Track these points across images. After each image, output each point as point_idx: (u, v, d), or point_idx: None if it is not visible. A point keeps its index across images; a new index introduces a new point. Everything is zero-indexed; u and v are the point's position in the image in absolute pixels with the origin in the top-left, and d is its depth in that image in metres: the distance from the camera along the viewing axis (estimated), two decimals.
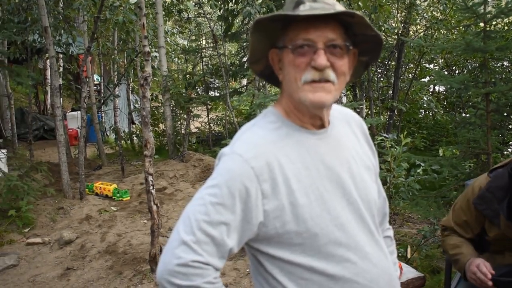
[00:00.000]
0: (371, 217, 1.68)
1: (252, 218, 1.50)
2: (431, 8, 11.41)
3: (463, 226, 2.78)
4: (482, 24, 5.25)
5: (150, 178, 4.97)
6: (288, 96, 1.62)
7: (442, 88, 12.36)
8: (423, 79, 12.48)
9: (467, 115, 6.52)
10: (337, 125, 1.71)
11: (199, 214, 1.47)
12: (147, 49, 5.20)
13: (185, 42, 17.18)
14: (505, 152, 7.47)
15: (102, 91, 14.87)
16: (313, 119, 1.62)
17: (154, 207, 4.99)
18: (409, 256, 4.65)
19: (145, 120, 5.11)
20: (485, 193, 2.66)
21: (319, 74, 1.50)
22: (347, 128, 1.78)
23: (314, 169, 1.58)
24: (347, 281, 1.57)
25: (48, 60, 12.35)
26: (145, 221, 6.94)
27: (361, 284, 1.58)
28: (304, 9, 1.48)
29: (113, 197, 8.18)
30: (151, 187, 4.98)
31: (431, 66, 12.84)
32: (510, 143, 8.93)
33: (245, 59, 13.56)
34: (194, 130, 13.47)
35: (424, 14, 11.72)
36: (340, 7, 1.52)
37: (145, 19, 5.20)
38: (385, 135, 4.92)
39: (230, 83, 14.35)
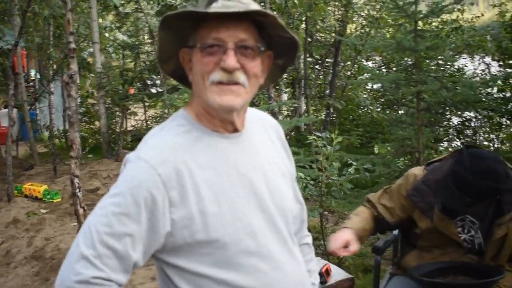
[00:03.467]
0: (286, 225, 1.60)
1: (159, 228, 1.40)
2: (368, 7, 11.55)
3: (387, 209, 2.79)
4: (414, 24, 5.29)
5: (76, 180, 4.78)
6: (197, 97, 1.51)
7: (379, 85, 12.52)
8: (361, 77, 12.65)
9: (400, 113, 6.60)
10: (252, 129, 1.62)
11: (101, 226, 1.36)
12: (73, 45, 4.96)
13: (125, 38, 16.86)
14: (439, 149, 7.60)
15: (37, 87, 14.35)
16: (223, 123, 1.52)
17: (81, 210, 4.79)
18: None
19: (71, 120, 4.90)
20: (421, 185, 2.66)
21: (227, 75, 1.41)
22: (263, 132, 1.69)
23: (225, 175, 1.49)
24: None
25: None
26: (76, 223, 6.67)
27: None
28: (217, 6, 1.38)
29: (43, 199, 7.82)
30: (78, 190, 4.79)
31: (369, 63, 12.99)
32: (445, 139, 9.15)
33: None
34: (130, 128, 13.20)
35: (361, 12, 11.86)
36: (255, 6, 1.43)
37: (70, 14, 4.97)
38: (318, 134, 4.89)
39: (170, 80, 14.11)
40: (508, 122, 9.21)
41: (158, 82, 13.27)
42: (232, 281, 1.46)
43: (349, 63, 12.76)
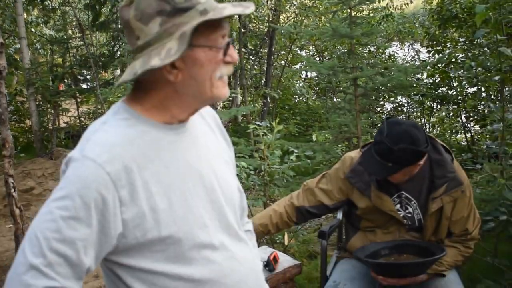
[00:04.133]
0: (234, 214, 1.60)
1: (111, 230, 1.32)
2: None
3: (326, 192, 2.87)
4: (348, 11, 5.36)
5: (10, 180, 4.62)
6: (183, 96, 1.44)
7: (314, 74, 12.69)
8: (295, 66, 12.76)
9: (338, 100, 6.72)
10: (193, 119, 1.57)
11: (49, 232, 1.26)
12: (1, 40, 4.76)
13: (52, 33, 16.34)
14: (374, 134, 7.77)
15: None
16: (189, 113, 1.51)
17: (17, 211, 4.64)
18: (286, 243, 4.66)
19: (2, 118, 4.71)
20: (356, 166, 2.74)
21: (232, 68, 1.45)
22: (202, 121, 1.66)
23: (174, 167, 1.44)
24: (214, 284, 1.47)
25: None
26: (11, 225, 6.43)
27: (229, 286, 1.50)
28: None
29: None
30: (13, 190, 4.63)
31: (303, 53, 13.13)
32: (379, 125, 9.38)
33: (115, 48, 13.11)
34: (63, 125, 12.82)
35: (294, 1, 11.97)
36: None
37: None
38: (258, 123, 4.90)
39: (102, 74, 13.79)
40: (439, 106, 9.54)
41: (89, 77, 12.95)
42: (187, 275, 1.43)
43: (283, 52, 12.88)
